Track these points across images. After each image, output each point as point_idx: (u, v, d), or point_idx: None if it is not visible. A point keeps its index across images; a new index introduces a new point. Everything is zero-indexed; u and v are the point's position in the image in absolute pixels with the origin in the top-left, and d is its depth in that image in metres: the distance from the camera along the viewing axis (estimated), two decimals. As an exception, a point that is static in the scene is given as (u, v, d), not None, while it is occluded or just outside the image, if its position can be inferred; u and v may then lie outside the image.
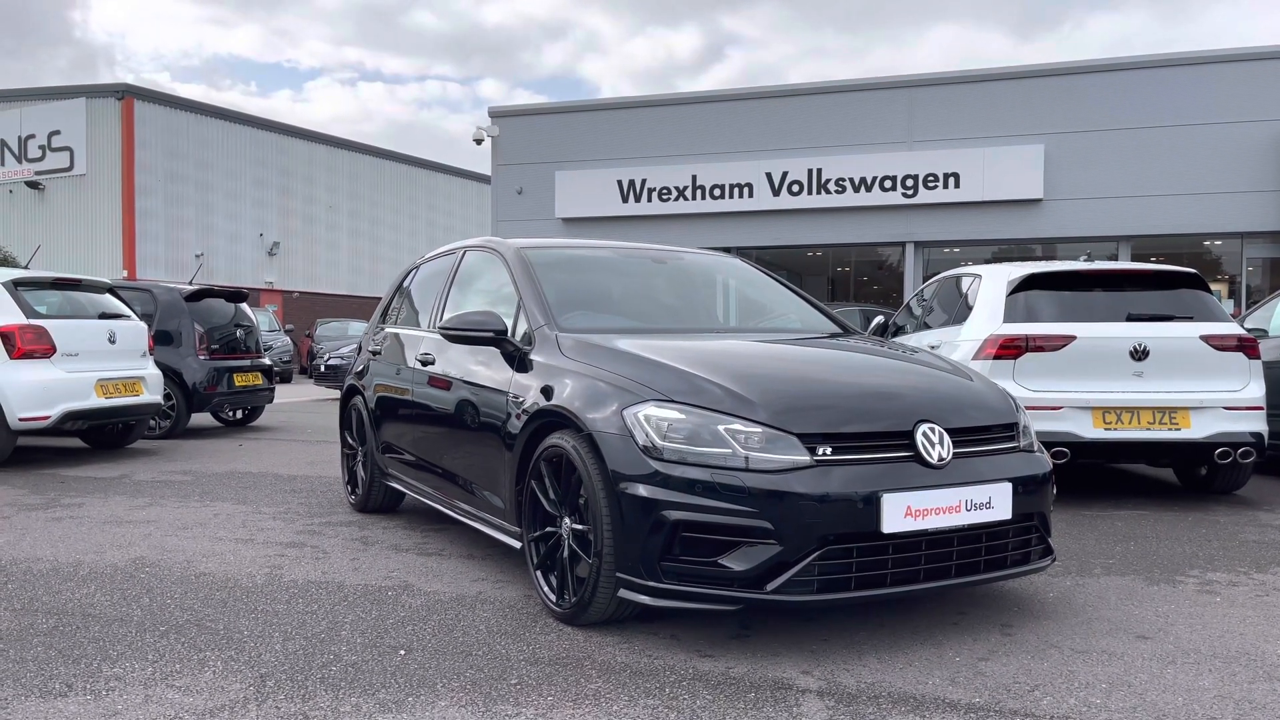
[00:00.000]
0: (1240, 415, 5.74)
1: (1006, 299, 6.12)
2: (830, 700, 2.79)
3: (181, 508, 5.89)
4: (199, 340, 10.12)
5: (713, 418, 3.19)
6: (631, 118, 18.30)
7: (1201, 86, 15.17)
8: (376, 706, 2.74)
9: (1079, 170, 15.64)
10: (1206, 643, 3.34)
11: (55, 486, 6.72)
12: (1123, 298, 6.11)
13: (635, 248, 5.29)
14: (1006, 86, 16.19)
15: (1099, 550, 4.75)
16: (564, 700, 2.79)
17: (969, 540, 3.27)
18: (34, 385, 7.46)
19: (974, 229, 16.28)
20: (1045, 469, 3.57)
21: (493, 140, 18.87)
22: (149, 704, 2.76)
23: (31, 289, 7.95)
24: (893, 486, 3.11)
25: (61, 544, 4.86)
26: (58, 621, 3.55)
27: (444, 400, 4.57)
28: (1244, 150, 14.93)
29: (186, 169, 30.02)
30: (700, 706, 2.75)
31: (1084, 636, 3.39)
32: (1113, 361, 5.79)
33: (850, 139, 16.85)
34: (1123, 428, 5.72)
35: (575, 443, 3.41)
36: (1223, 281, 16.09)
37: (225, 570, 4.31)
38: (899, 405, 3.39)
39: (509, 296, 4.40)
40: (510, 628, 3.47)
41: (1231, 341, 5.86)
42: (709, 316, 4.98)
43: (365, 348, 5.93)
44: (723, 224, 17.39)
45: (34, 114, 29.75)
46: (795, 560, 3.03)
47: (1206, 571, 4.34)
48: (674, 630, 3.41)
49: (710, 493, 3.08)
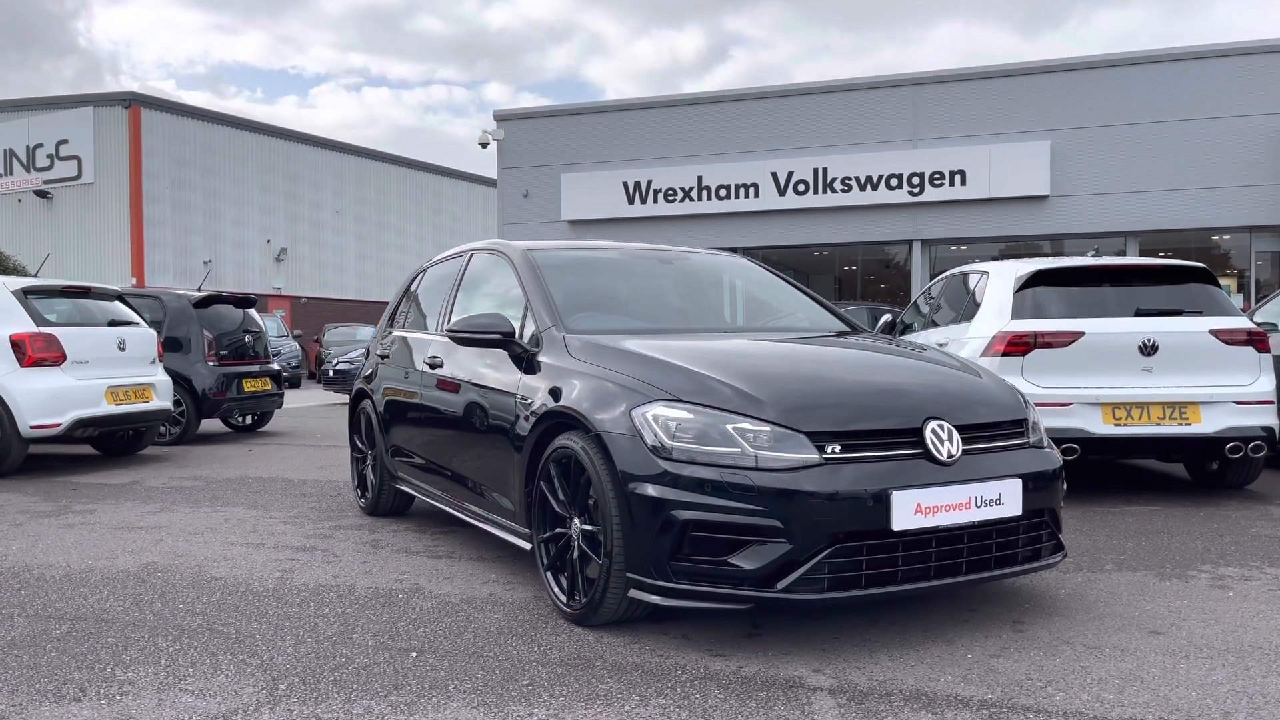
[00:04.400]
0: (1251, 409, 5.72)
1: (1014, 295, 6.11)
2: (842, 698, 2.79)
3: (192, 513, 5.91)
4: (208, 346, 10.15)
5: (721, 417, 3.19)
6: (636, 119, 18.30)
7: (1208, 81, 15.11)
8: (389, 708, 2.75)
9: (1086, 166, 15.59)
10: (1219, 637, 3.33)
11: (67, 493, 6.75)
12: (1131, 293, 6.08)
13: (642, 248, 5.30)
14: (1012, 83, 16.15)
15: (1110, 546, 4.74)
16: (575, 701, 2.79)
17: (979, 537, 3.26)
18: (45, 393, 7.50)
19: (981, 226, 16.24)
20: (1055, 465, 3.56)
21: (498, 144, 18.90)
22: (162, 708, 2.77)
23: (41, 297, 7.98)
24: (902, 484, 3.10)
25: (74, 550, 4.88)
26: (71, 627, 3.56)
27: (452, 403, 4.57)
28: (1251, 144, 14.87)
29: (193, 176, 30.16)
30: (712, 705, 2.75)
31: (1096, 632, 3.38)
32: (1122, 357, 5.77)
33: (856, 138, 16.82)
34: (1132, 423, 5.70)
35: (584, 443, 3.41)
36: (1231, 276, 16.02)
37: (237, 574, 4.33)
38: (908, 403, 3.38)
39: (516, 299, 4.40)
40: (521, 629, 3.47)
41: (1241, 335, 5.83)
42: (716, 316, 4.98)
43: (373, 352, 5.95)
44: (729, 225, 17.38)
45: (42, 123, 29.92)
46: (805, 558, 3.02)
47: (1219, 566, 4.33)
48: (685, 630, 3.41)
49: (720, 492, 3.07)
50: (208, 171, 30.57)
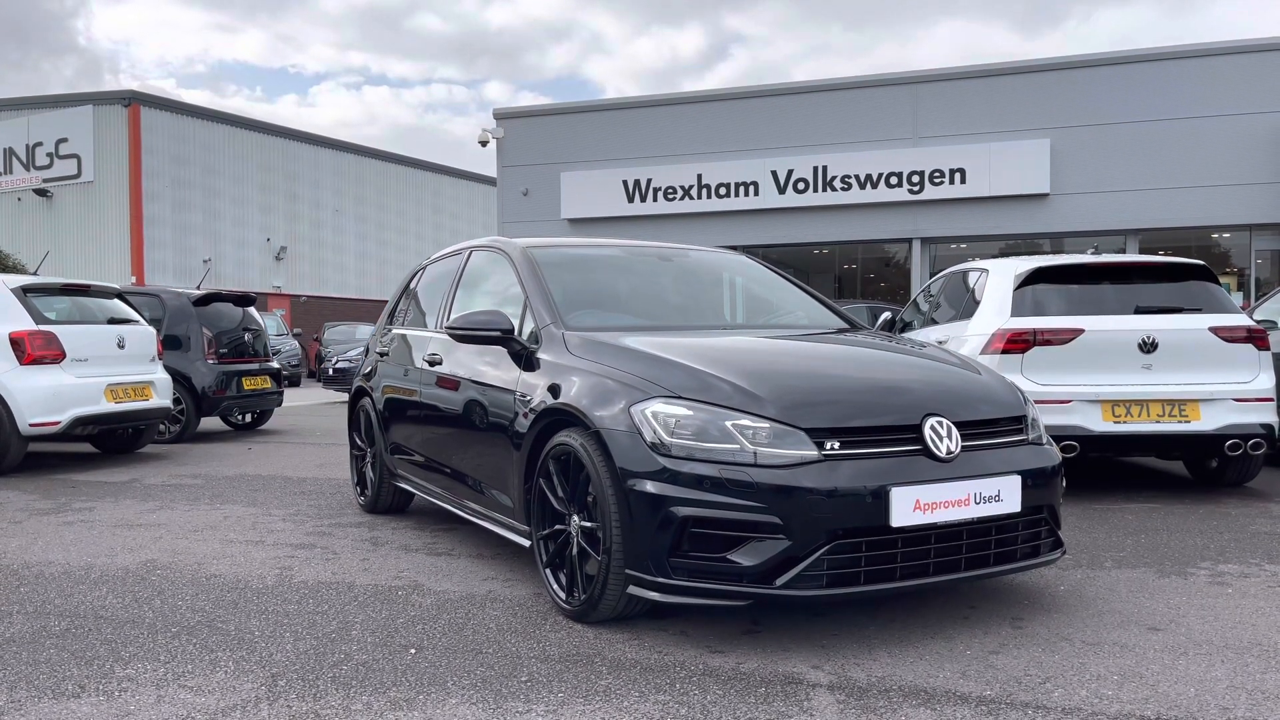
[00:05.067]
0: (1250, 407, 5.72)
1: (1014, 293, 6.11)
2: (841, 694, 2.79)
3: (192, 511, 5.91)
4: (207, 345, 10.15)
5: (720, 413, 3.19)
6: (636, 118, 18.30)
7: (1208, 79, 15.11)
8: (388, 704, 2.75)
9: (1085, 164, 15.59)
10: (1218, 634, 3.33)
11: (66, 491, 6.75)
12: (1131, 290, 6.08)
13: (642, 246, 5.29)
14: (1012, 81, 16.15)
15: (1110, 543, 4.74)
16: (574, 697, 2.79)
17: (978, 533, 3.26)
18: (44, 391, 7.50)
19: (980, 224, 16.24)
20: (1054, 462, 3.56)
21: (498, 142, 18.90)
22: (161, 704, 2.77)
23: (41, 295, 7.98)
24: (901, 480, 3.10)
25: (73, 548, 4.88)
26: (70, 624, 3.56)
27: (452, 400, 4.57)
28: (1251, 142, 14.87)
29: (193, 175, 30.14)
30: (711, 701, 2.75)
31: (1095, 629, 3.38)
32: (1121, 354, 5.77)
33: (856, 136, 16.82)
34: (1132, 420, 5.70)
35: (583, 440, 3.41)
36: (1231, 274, 16.03)
37: (236, 572, 4.33)
38: (907, 399, 3.38)
39: (515, 296, 4.40)
40: (520, 626, 3.47)
41: (1241, 333, 5.83)
42: (716, 314, 4.98)
43: (373, 349, 5.94)
44: (729, 223, 17.37)
45: (42, 122, 29.90)
46: (804, 555, 3.02)
47: (1218, 563, 4.33)
48: (684, 626, 3.41)
49: (719, 488, 3.07)
50: (207, 170, 30.56)
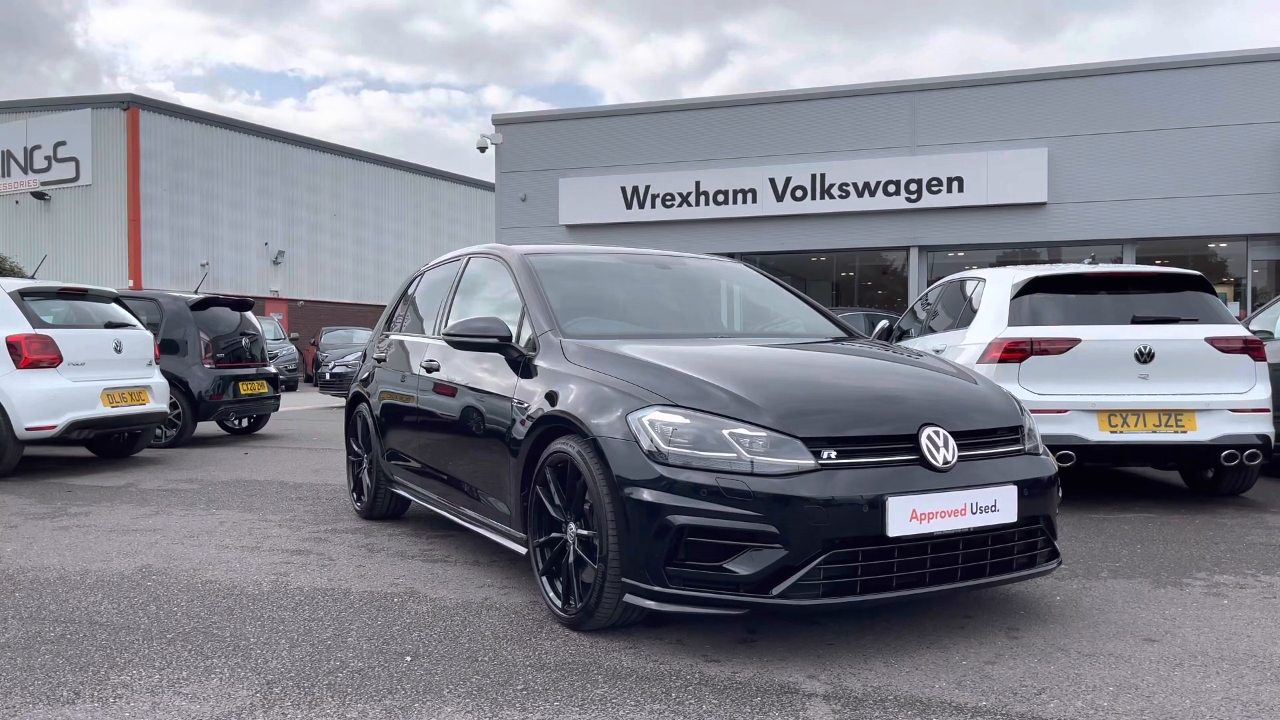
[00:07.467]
0: (1246, 417, 5.73)
1: (1011, 302, 6.11)
2: (837, 704, 2.79)
3: (188, 516, 5.90)
4: (204, 349, 10.14)
5: (717, 422, 3.19)
6: (635, 124, 18.33)
7: (1205, 89, 15.16)
8: (383, 712, 2.75)
9: (1083, 173, 15.64)
10: (1214, 645, 3.33)
11: (62, 495, 6.74)
12: (1127, 300, 6.09)
13: (639, 253, 5.30)
14: (1010, 90, 16.20)
15: (1105, 553, 4.74)
16: (570, 705, 2.79)
17: (974, 543, 3.26)
18: (40, 395, 7.49)
19: (978, 233, 16.27)
20: (1050, 472, 3.57)
21: (496, 148, 18.92)
22: (156, 711, 2.77)
23: (38, 299, 7.98)
24: (898, 490, 3.11)
25: (68, 553, 4.87)
26: (65, 629, 3.56)
27: (449, 407, 4.57)
28: (1248, 153, 14.92)
29: (191, 179, 30.13)
30: (706, 711, 2.75)
31: (1091, 639, 3.38)
32: (1118, 364, 5.78)
33: (854, 144, 16.86)
34: (1128, 430, 5.71)
35: (580, 448, 3.41)
36: (1228, 284, 16.06)
37: (232, 578, 4.32)
38: (903, 409, 3.39)
39: (513, 303, 4.41)
40: (516, 633, 3.47)
41: (1237, 343, 5.84)
42: (713, 322, 4.98)
43: (370, 355, 5.94)
44: (727, 230, 17.40)
45: (40, 125, 29.89)
46: (801, 564, 3.02)
47: (1213, 574, 4.33)
48: (680, 635, 3.41)
49: (715, 497, 3.07)
50: (206, 174, 30.54)
